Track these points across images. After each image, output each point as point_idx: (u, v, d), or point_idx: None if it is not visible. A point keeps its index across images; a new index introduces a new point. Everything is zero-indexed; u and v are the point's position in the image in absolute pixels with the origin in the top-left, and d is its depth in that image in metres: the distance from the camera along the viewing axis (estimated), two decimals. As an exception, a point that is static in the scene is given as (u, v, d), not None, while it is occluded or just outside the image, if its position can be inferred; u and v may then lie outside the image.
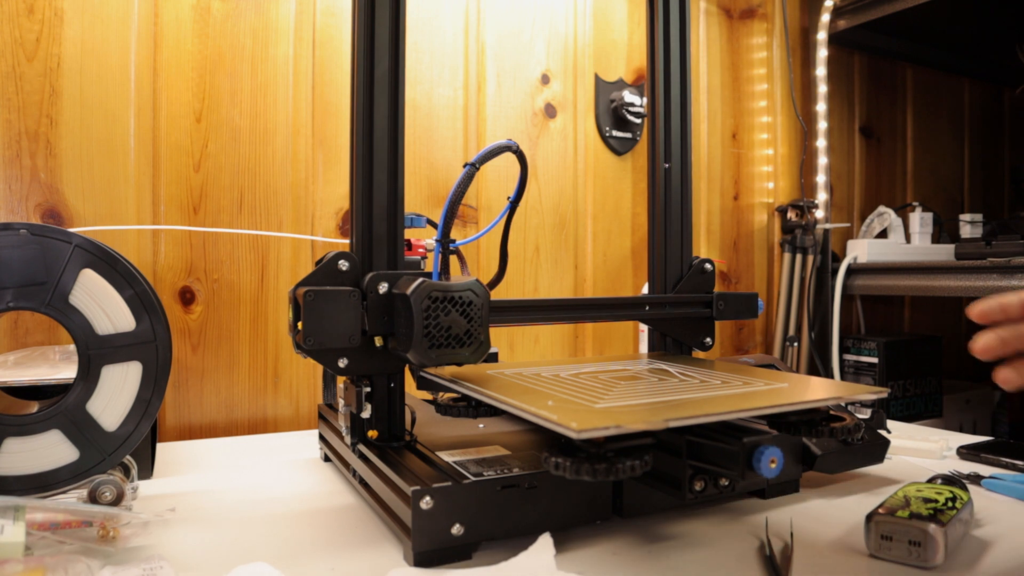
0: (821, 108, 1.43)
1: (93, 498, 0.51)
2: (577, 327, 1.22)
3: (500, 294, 0.70)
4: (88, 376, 0.52)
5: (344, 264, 0.55)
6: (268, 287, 0.97)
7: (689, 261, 0.76)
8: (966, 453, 0.74)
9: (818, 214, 1.42)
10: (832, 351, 1.39)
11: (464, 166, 0.58)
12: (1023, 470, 0.67)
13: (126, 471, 0.57)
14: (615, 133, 1.24)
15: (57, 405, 0.52)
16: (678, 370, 0.60)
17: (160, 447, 0.80)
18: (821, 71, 1.43)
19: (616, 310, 0.72)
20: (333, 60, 1.01)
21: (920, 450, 0.75)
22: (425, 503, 0.45)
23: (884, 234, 1.49)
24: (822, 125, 1.44)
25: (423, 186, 1.08)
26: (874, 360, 1.36)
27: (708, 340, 0.74)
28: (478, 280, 0.53)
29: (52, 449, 0.51)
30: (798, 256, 1.41)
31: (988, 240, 1.34)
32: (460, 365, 0.54)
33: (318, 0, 1.00)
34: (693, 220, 0.81)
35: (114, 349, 0.53)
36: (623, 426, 0.39)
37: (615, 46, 1.26)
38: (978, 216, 1.48)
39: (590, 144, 1.22)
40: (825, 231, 1.43)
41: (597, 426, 0.39)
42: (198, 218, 0.93)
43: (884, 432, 0.68)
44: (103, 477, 0.52)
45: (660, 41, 0.76)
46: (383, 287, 0.55)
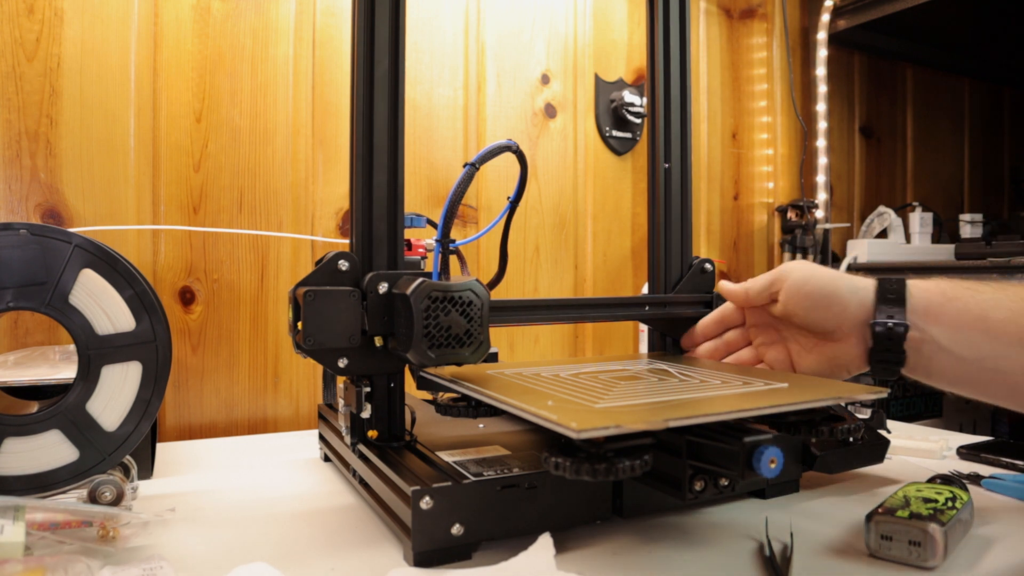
0: (821, 108, 1.43)
1: (93, 498, 0.51)
2: (577, 327, 1.22)
3: (500, 294, 0.70)
4: (88, 376, 0.52)
5: (344, 264, 0.55)
6: (268, 287, 0.97)
7: (689, 261, 0.76)
8: (966, 453, 0.74)
9: (818, 214, 1.42)
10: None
11: (464, 166, 0.58)
12: (1023, 470, 0.67)
13: (126, 471, 0.57)
14: (615, 133, 1.24)
15: (57, 405, 0.52)
16: (678, 370, 0.60)
17: (160, 447, 0.80)
18: (821, 71, 1.43)
19: (616, 310, 0.72)
20: (333, 60, 1.01)
21: (920, 450, 0.75)
22: (425, 503, 0.45)
23: (884, 234, 1.49)
24: (822, 125, 1.44)
25: (423, 186, 1.08)
26: (874, 360, 1.36)
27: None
28: (478, 280, 0.53)
29: (52, 449, 0.51)
30: (798, 256, 1.41)
31: (988, 240, 1.34)
32: (460, 365, 0.54)
33: (318, 0, 1.00)
34: (693, 220, 0.81)
35: (114, 349, 0.53)
36: (623, 426, 0.39)
37: (615, 46, 1.26)
38: (978, 216, 1.48)
39: (590, 144, 1.22)
40: (825, 231, 1.43)
41: (597, 426, 0.39)
42: (198, 218, 0.93)
43: (884, 432, 0.68)
44: (103, 477, 0.52)
45: (660, 41, 0.76)
46: (383, 287, 0.55)
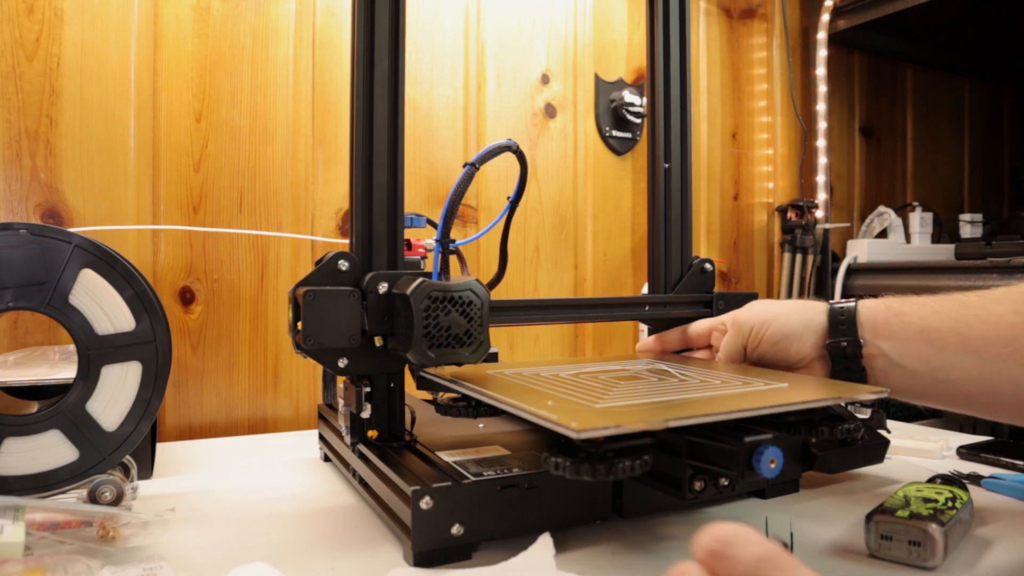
0: (821, 108, 1.43)
1: (93, 498, 0.51)
2: (577, 327, 1.22)
3: (500, 294, 0.70)
4: (88, 376, 0.52)
5: (344, 264, 0.55)
6: (268, 287, 0.97)
7: (689, 261, 0.76)
8: (966, 453, 0.74)
9: (818, 214, 1.42)
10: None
11: (464, 166, 0.58)
12: (1023, 470, 0.67)
13: (126, 471, 0.57)
14: (615, 133, 1.24)
15: (57, 405, 0.52)
16: (678, 370, 0.60)
17: (160, 447, 0.80)
18: (821, 71, 1.43)
19: (616, 310, 0.72)
20: (333, 60, 1.01)
21: (920, 450, 0.75)
22: (425, 503, 0.45)
23: (884, 234, 1.49)
24: (822, 125, 1.44)
25: (423, 186, 1.08)
26: (874, 360, 1.36)
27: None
28: (478, 280, 0.53)
29: (52, 449, 0.51)
30: (798, 256, 1.41)
31: (988, 240, 1.34)
32: (460, 365, 0.54)
33: (318, 0, 1.00)
34: (693, 220, 0.81)
35: (114, 349, 0.53)
36: (623, 426, 0.39)
37: (615, 46, 1.26)
38: (978, 216, 1.48)
39: (590, 144, 1.22)
40: (825, 231, 1.43)
41: (597, 426, 0.39)
42: (198, 218, 0.93)
43: (884, 432, 0.68)
44: (103, 477, 0.52)
45: (660, 41, 0.76)
46: (383, 287, 0.55)
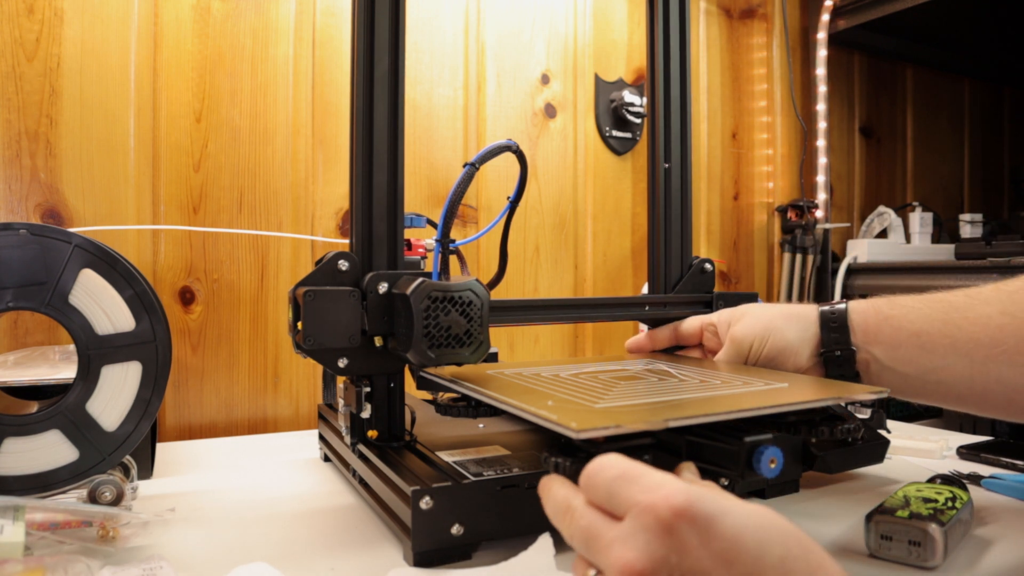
0: (821, 108, 1.43)
1: (93, 498, 0.51)
2: (577, 327, 1.22)
3: (500, 294, 0.70)
4: (88, 376, 0.52)
5: (344, 264, 0.55)
6: (268, 287, 0.97)
7: (689, 261, 0.76)
8: (966, 453, 0.74)
9: (818, 214, 1.42)
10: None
11: (464, 166, 0.58)
12: (1023, 470, 0.67)
13: (126, 471, 0.57)
14: (615, 133, 1.24)
15: (57, 405, 0.52)
16: (678, 370, 0.60)
17: (160, 447, 0.80)
18: (821, 71, 1.43)
19: (616, 310, 0.72)
20: (333, 60, 1.01)
21: (920, 450, 0.75)
22: (425, 503, 0.45)
23: (884, 234, 1.49)
24: (822, 125, 1.44)
25: (423, 186, 1.08)
26: (874, 360, 1.36)
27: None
28: (478, 280, 0.53)
29: (52, 449, 0.51)
30: (798, 256, 1.41)
31: (988, 240, 1.34)
32: (460, 365, 0.54)
33: (318, 0, 1.00)
34: (693, 220, 0.81)
35: (114, 349, 0.53)
36: (623, 426, 0.39)
37: (615, 46, 1.26)
38: (978, 216, 1.48)
39: (590, 144, 1.22)
40: (825, 231, 1.43)
41: (597, 426, 0.39)
42: (198, 218, 0.93)
43: (884, 432, 0.68)
44: (103, 477, 0.52)
45: (660, 41, 0.76)
46: (383, 287, 0.55)
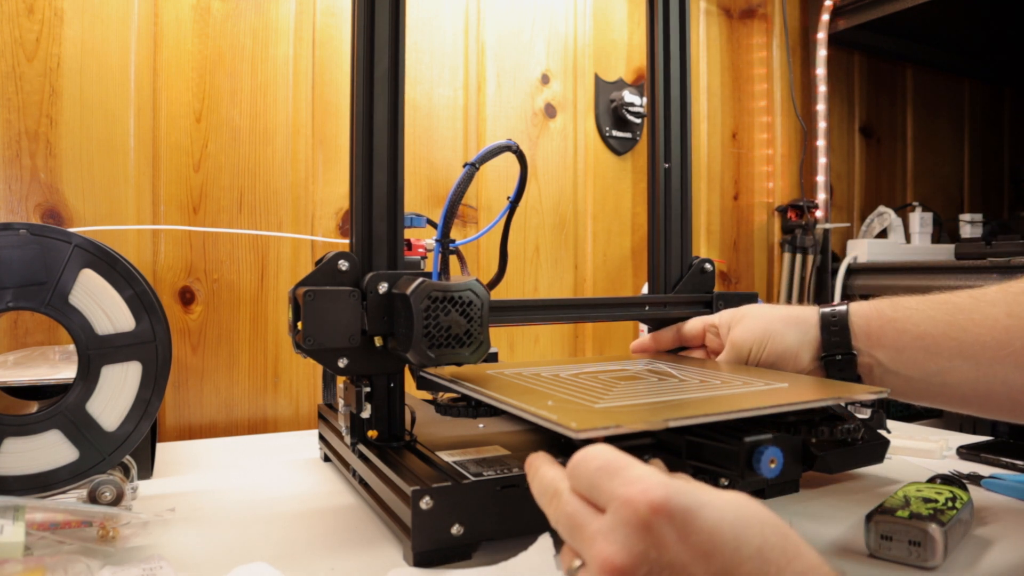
0: (821, 108, 1.43)
1: (93, 498, 0.51)
2: (577, 327, 1.22)
3: (500, 294, 0.70)
4: (88, 376, 0.52)
5: (344, 264, 0.55)
6: (268, 287, 0.97)
7: (689, 261, 0.76)
8: (966, 453, 0.74)
9: (818, 214, 1.42)
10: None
11: (464, 166, 0.58)
12: (1023, 470, 0.67)
13: (126, 471, 0.57)
14: (615, 133, 1.24)
15: (57, 405, 0.52)
16: (678, 370, 0.60)
17: (160, 447, 0.80)
18: (821, 71, 1.43)
19: (616, 310, 0.72)
20: (333, 60, 1.01)
21: (920, 450, 0.75)
22: (425, 503, 0.45)
23: (884, 234, 1.49)
24: (822, 125, 1.44)
25: (423, 186, 1.08)
26: (874, 360, 1.36)
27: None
28: (478, 280, 0.53)
29: (52, 449, 0.51)
30: (798, 256, 1.41)
31: (988, 240, 1.34)
32: (460, 365, 0.54)
33: (318, 0, 1.00)
34: (693, 220, 0.81)
35: (114, 349, 0.53)
36: (623, 426, 0.39)
37: (615, 46, 1.26)
38: (978, 216, 1.48)
39: (590, 144, 1.22)
40: (825, 231, 1.43)
41: (597, 426, 0.39)
42: (198, 218, 0.93)
43: (884, 432, 0.68)
44: (103, 477, 0.52)
45: (660, 41, 0.76)
46: (383, 287, 0.55)
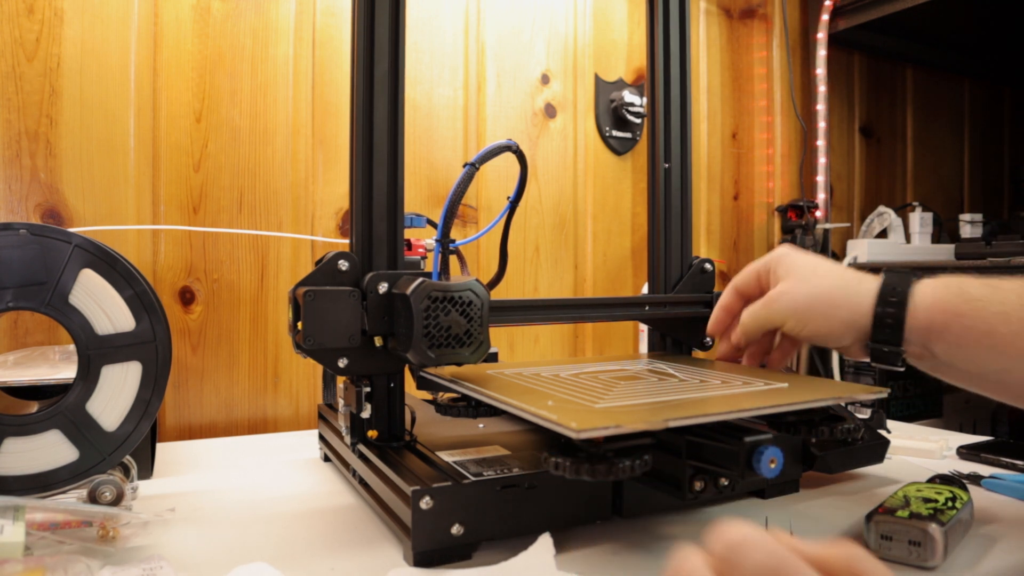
0: (821, 108, 1.43)
1: (93, 498, 0.51)
2: (577, 327, 1.22)
3: (500, 294, 0.70)
4: (88, 376, 0.52)
5: (344, 264, 0.55)
6: (268, 287, 0.97)
7: (689, 261, 0.76)
8: (966, 453, 0.74)
9: (818, 214, 1.42)
10: (832, 351, 1.39)
11: (464, 166, 0.58)
12: (1023, 470, 0.67)
13: (126, 471, 0.57)
14: (615, 133, 1.24)
15: (57, 405, 0.52)
16: (678, 370, 0.60)
17: (160, 447, 0.80)
18: (821, 71, 1.43)
19: (616, 310, 0.72)
20: (333, 60, 1.01)
21: (920, 450, 0.75)
22: (425, 503, 0.45)
23: (884, 234, 1.49)
24: (822, 125, 1.43)
25: (423, 186, 1.08)
26: (874, 360, 1.36)
27: (708, 340, 0.74)
28: (478, 280, 0.53)
29: (52, 449, 0.51)
30: (798, 256, 1.41)
31: (988, 240, 1.34)
32: (460, 365, 0.54)
33: (318, 0, 1.00)
34: (693, 220, 0.81)
35: (114, 349, 0.53)
36: (623, 426, 0.39)
37: (615, 46, 1.26)
38: (978, 216, 1.48)
39: (590, 144, 1.22)
40: (825, 231, 1.43)
41: (597, 426, 0.39)
42: (198, 218, 0.93)
43: (884, 432, 0.68)
44: (103, 477, 0.52)
45: (660, 41, 0.76)
46: (383, 287, 0.55)
